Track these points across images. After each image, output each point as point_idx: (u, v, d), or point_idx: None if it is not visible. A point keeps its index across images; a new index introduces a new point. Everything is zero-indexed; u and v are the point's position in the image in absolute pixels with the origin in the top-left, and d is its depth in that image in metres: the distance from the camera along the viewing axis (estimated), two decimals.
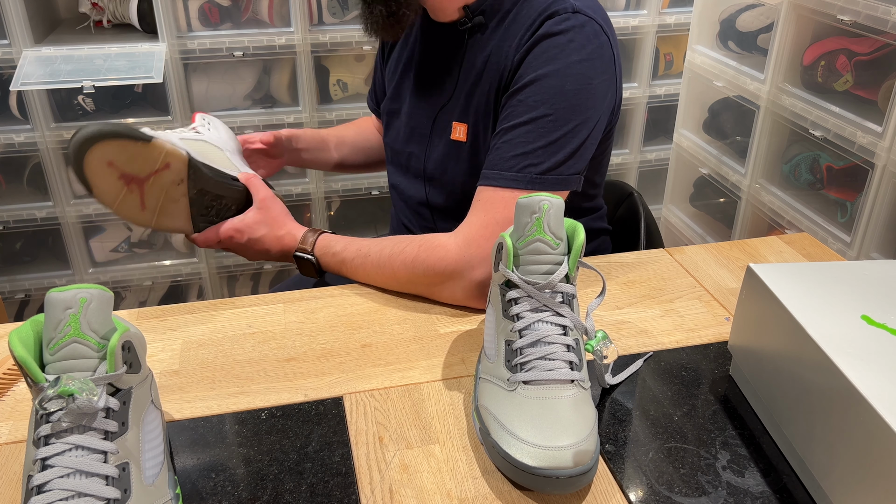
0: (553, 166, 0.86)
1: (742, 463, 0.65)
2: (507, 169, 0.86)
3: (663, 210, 2.16)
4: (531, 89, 0.87)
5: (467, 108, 0.97)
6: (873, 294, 0.67)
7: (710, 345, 0.81)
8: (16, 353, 0.53)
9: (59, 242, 1.87)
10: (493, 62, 0.94)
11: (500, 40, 0.93)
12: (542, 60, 0.87)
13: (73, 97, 1.74)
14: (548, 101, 0.86)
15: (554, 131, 0.85)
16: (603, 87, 0.89)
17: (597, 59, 0.88)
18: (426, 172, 1.05)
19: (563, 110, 0.86)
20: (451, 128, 1.00)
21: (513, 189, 0.86)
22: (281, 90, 1.85)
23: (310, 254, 0.96)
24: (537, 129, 0.86)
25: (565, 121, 0.86)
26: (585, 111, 0.87)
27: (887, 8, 1.30)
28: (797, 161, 1.62)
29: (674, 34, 2.00)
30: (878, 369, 0.56)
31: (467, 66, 0.97)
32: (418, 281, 0.88)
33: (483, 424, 0.65)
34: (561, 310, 0.66)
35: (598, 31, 0.88)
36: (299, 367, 0.78)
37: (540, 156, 0.85)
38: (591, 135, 0.89)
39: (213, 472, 0.64)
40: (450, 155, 1.01)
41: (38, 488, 0.52)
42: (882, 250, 1.39)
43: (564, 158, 0.86)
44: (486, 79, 0.95)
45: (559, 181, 0.87)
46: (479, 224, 0.86)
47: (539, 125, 0.86)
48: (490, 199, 0.87)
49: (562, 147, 0.86)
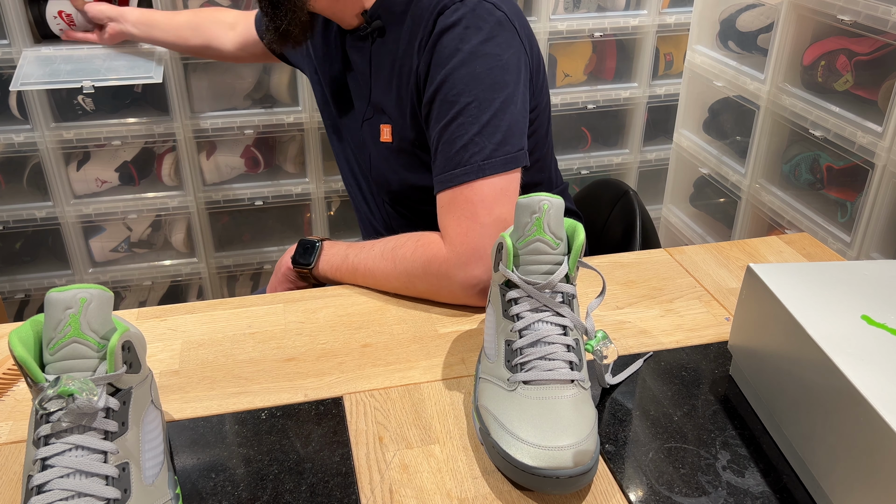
0: (495, 147, 0.86)
1: (742, 463, 0.65)
2: (455, 166, 0.86)
3: (663, 210, 2.16)
4: (446, 86, 0.87)
5: (386, 110, 0.99)
6: (873, 294, 0.67)
7: (710, 345, 0.81)
8: (16, 353, 0.53)
9: (59, 242, 1.87)
10: (399, 64, 0.95)
11: (403, 42, 0.94)
12: (446, 56, 0.87)
13: (73, 97, 1.74)
14: (465, 91, 0.86)
15: (482, 115, 0.86)
16: (514, 60, 0.89)
17: (497, 35, 0.88)
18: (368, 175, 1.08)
19: (483, 92, 0.86)
20: (378, 131, 1.02)
21: (468, 183, 0.86)
22: (281, 90, 1.85)
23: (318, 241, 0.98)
24: (466, 119, 0.86)
25: (489, 102, 0.86)
26: (505, 87, 0.87)
27: (887, 8, 1.30)
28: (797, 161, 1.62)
29: (674, 34, 2.00)
30: (878, 369, 0.56)
31: (376, 70, 0.99)
32: (418, 279, 0.88)
33: (483, 424, 0.65)
34: (561, 310, 0.66)
35: (490, 9, 0.88)
36: (299, 367, 0.78)
37: (478, 143, 0.85)
38: (518, 108, 0.89)
39: (213, 472, 0.64)
40: (382, 157, 1.03)
41: (38, 488, 0.52)
42: (882, 250, 1.39)
43: (503, 137, 0.86)
44: (395, 80, 0.96)
45: (507, 160, 0.86)
46: (454, 227, 0.86)
47: (466, 115, 0.86)
48: (452, 201, 0.87)
49: (497, 127, 0.86)
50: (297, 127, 1.86)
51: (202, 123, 1.80)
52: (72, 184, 1.82)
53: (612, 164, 2.12)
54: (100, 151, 1.82)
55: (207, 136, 1.83)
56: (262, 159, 1.94)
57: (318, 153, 1.90)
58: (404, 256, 0.88)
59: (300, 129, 1.87)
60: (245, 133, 1.85)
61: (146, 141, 1.82)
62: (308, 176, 1.93)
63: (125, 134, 1.77)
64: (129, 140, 1.79)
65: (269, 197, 1.93)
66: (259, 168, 1.94)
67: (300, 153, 1.93)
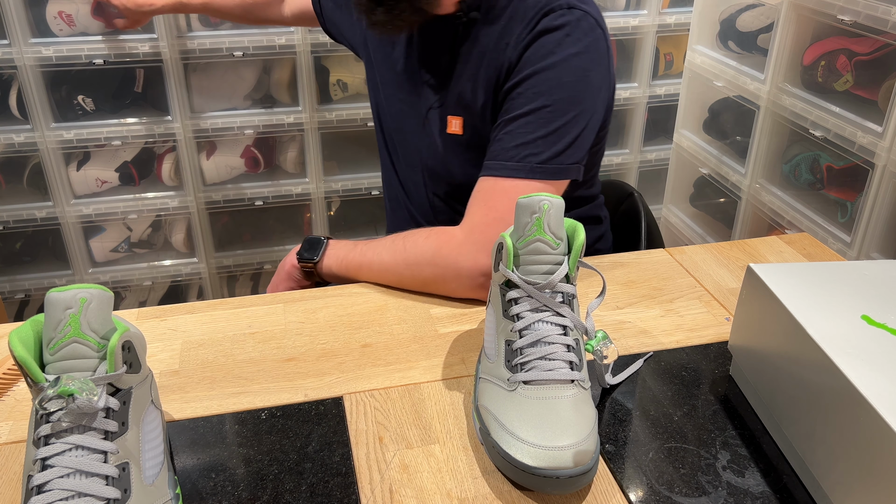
0: (553, 156, 0.87)
1: (742, 463, 0.65)
2: (508, 159, 0.88)
3: (663, 210, 2.16)
4: (530, 82, 0.88)
5: (461, 102, 0.98)
6: (873, 294, 0.67)
7: (710, 345, 0.81)
8: (16, 353, 0.53)
9: (59, 242, 1.87)
10: (489, 58, 0.94)
11: (498, 36, 0.93)
12: (541, 55, 0.88)
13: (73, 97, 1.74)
14: (546, 93, 0.88)
15: (552, 122, 0.87)
16: (598, 80, 0.91)
17: (593, 52, 0.89)
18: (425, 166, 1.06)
19: (562, 101, 0.87)
20: (446, 122, 1.00)
21: (513, 178, 0.87)
22: (281, 90, 1.85)
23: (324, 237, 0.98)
24: (537, 120, 0.87)
25: (563, 111, 0.87)
26: (582, 102, 0.89)
27: (887, 8, 1.30)
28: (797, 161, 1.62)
29: (674, 34, 2.00)
30: (878, 369, 0.56)
31: (462, 60, 0.97)
32: (425, 264, 0.88)
33: (483, 424, 0.65)
34: (561, 310, 0.66)
35: (593, 26, 0.90)
36: (299, 367, 0.78)
37: (540, 146, 0.87)
38: (588, 125, 0.90)
39: (213, 472, 0.64)
40: (448, 149, 1.01)
41: (38, 488, 0.52)
42: (882, 250, 1.39)
43: (563, 148, 0.88)
44: (482, 74, 0.95)
45: (559, 170, 0.88)
46: (480, 214, 0.87)
47: (538, 116, 0.87)
48: (491, 189, 0.88)
49: (561, 137, 0.87)
50: (297, 127, 1.86)
51: (202, 123, 1.80)
52: (72, 184, 1.82)
53: (612, 164, 2.12)
54: (100, 151, 1.82)
55: (207, 136, 1.83)
56: (262, 159, 1.94)
57: (318, 153, 1.90)
58: (415, 243, 0.89)
59: (300, 129, 1.87)
60: (245, 133, 1.85)
61: (146, 141, 1.82)
62: (308, 176, 1.93)
63: (125, 134, 1.77)
64: (129, 140, 1.79)
65: (269, 197, 1.94)
66: (259, 168, 1.94)
67: (300, 153, 1.93)
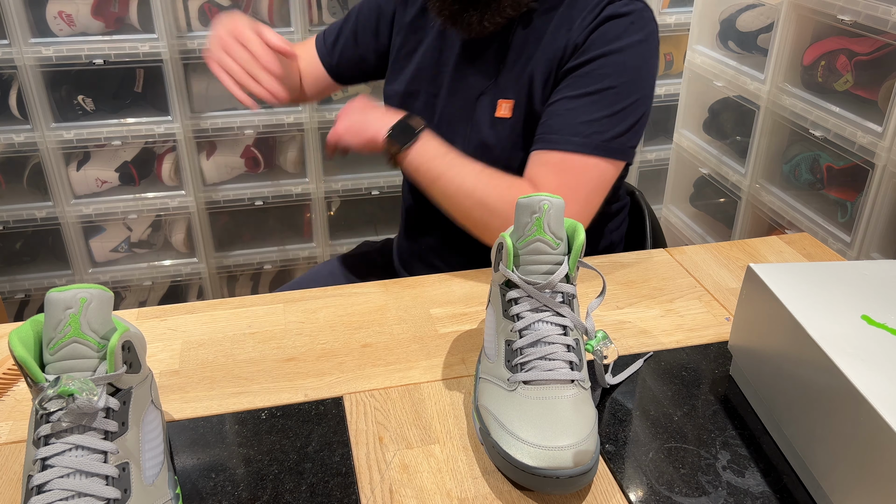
0: (616, 136, 0.91)
1: (742, 463, 0.65)
2: (574, 134, 0.90)
3: (663, 210, 2.16)
4: (597, 63, 0.91)
5: (514, 86, 0.99)
6: (873, 294, 0.67)
7: (710, 345, 0.81)
8: (16, 353, 0.53)
9: (59, 242, 1.87)
10: (548, 40, 0.96)
11: (557, 22, 0.96)
12: (608, 38, 0.92)
13: (73, 97, 1.74)
14: (612, 75, 0.91)
15: (617, 103, 0.91)
16: (654, 70, 0.96)
17: (652, 42, 0.94)
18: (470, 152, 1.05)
19: (626, 85, 0.91)
20: (496, 105, 1.01)
21: (582, 154, 0.90)
22: None
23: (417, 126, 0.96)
24: (602, 100, 0.90)
25: (627, 95, 0.91)
26: (643, 89, 0.93)
27: (887, 8, 1.30)
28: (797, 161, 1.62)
29: (674, 34, 2.00)
30: (878, 369, 0.56)
31: (516, 47, 0.99)
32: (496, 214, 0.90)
33: (483, 424, 0.65)
34: (561, 310, 0.66)
35: (652, 18, 0.95)
36: (299, 367, 0.78)
37: (605, 124, 0.90)
38: (645, 112, 0.94)
39: (213, 472, 0.64)
40: (494, 131, 1.02)
41: (38, 488, 0.52)
42: (882, 250, 1.39)
43: (625, 130, 0.91)
44: (539, 58, 0.97)
45: (620, 151, 0.92)
46: (556, 185, 0.90)
47: (604, 97, 0.91)
48: (561, 161, 0.91)
49: (623, 119, 0.91)
50: (297, 127, 1.86)
51: (202, 123, 1.80)
52: (72, 184, 1.82)
53: None
54: (100, 151, 1.82)
55: (207, 136, 1.83)
56: (262, 159, 1.94)
57: (318, 153, 1.90)
58: (497, 185, 0.91)
59: (300, 129, 1.87)
60: (245, 133, 1.85)
61: (146, 141, 1.82)
62: (308, 176, 1.93)
63: (125, 134, 1.77)
64: (129, 140, 1.79)
65: (269, 197, 1.94)
66: (259, 168, 1.94)
67: (300, 153, 1.93)
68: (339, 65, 1.17)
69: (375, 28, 1.14)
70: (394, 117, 0.97)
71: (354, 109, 1.01)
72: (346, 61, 1.17)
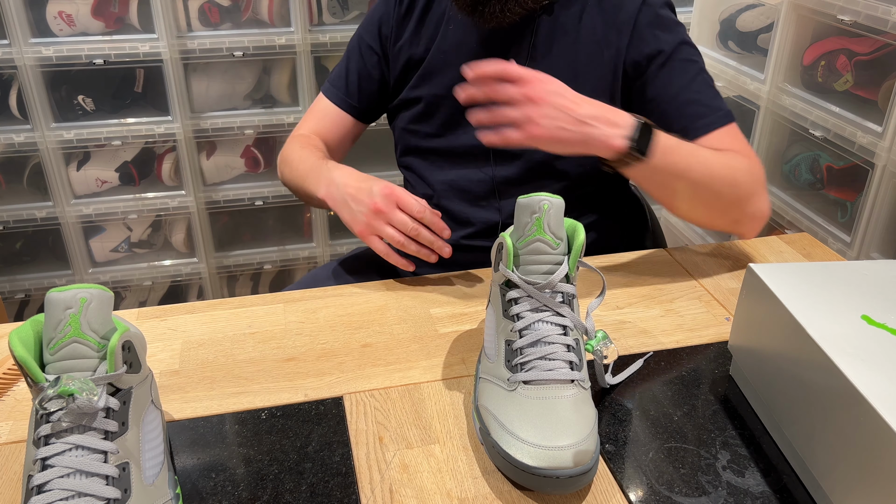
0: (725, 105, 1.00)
1: (742, 463, 0.65)
2: (717, 110, 0.98)
3: (663, 210, 2.16)
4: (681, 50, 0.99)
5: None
6: (873, 294, 0.67)
7: (710, 345, 0.81)
8: (16, 353, 0.53)
9: (59, 242, 1.87)
10: (583, 36, 0.99)
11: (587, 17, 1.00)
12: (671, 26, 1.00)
13: (73, 97, 1.74)
14: (697, 57, 1.01)
15: (710, 80, 1.01)
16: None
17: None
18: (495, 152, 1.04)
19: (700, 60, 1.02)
20: None
21: (731, 125, 0.97)
22: (281, 90, 1.85)
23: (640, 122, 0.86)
24: (704, 80, 0.99)
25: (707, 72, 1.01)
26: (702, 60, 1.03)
27: (887, 8, 1.30)
28: (797, 161, 1.62)
29: None
30: (878, 369, 0.56)
31: (540, 42, 1.00)
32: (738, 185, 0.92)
33: (483, 424, 0.65)
34: (561, 310, 0.66)
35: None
36: (299, 367, 0.78)
37: (718, 98, 1.00)
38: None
39: (213, 472, 0.64)
40: None
41: (38, 488, 0.52)
42: (882, 250, 1.39)
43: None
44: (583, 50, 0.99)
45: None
46: (745, 151, 0.96)
47: (704, 77, 1.00)
48: (730, 134, 0.97)
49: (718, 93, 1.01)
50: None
51: (202, 123, 1.81)
52: (72, 184, 1.82)
53: None
54: (100, 151, 1.82)
55: (207, 136, 1.83)
56: (262, 159, 1.94)
57: None
58: (728, 161, 0.92)
59: None
60: (245, 133, 1.85)
61: (146, 141, 1.82)
62: None
63: (125, 134, 1.77)
64: (129, 140, 1.79)
65: (269, 197, 1.94)
66: (259, 168, 1.94)
67: None
68: (360, 101, 1.15)
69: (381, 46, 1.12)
70: (619, 116, 0.84)
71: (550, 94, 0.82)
72: (367, 95, 1.14)
